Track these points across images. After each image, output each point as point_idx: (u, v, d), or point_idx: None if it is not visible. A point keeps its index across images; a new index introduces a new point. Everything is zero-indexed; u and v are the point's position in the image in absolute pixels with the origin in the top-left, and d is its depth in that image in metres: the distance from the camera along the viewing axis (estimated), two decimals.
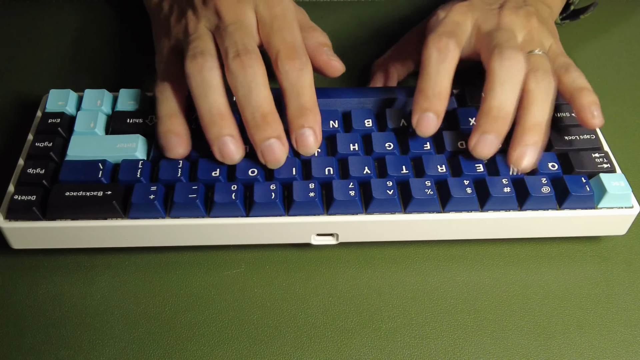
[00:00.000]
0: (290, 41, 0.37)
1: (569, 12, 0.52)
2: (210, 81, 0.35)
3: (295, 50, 0.36)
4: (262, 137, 0.36)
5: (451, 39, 0.38)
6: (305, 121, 0.36)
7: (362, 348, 0.35)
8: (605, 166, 0.39)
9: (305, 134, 0.36)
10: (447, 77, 0.37)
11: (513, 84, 0.36)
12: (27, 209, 0.35)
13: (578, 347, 0.35)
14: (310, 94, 0.36)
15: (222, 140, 0.36)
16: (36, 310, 0.36)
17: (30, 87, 0.49)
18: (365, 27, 0.56)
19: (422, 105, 0.37)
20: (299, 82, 0.36)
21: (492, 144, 0.37)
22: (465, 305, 0.37)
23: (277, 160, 0.36)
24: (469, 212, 0.37)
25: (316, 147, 0.37)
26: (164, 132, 0.37)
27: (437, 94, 0.37)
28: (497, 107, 0.36)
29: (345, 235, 0.38)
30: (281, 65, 0.36)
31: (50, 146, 0.38)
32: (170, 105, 0.37)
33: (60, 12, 0.56)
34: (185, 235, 0.37)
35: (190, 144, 0.38)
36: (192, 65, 0.36)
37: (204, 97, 0.36)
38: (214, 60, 0.36)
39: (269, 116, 0.36)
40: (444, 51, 0.37)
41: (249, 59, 0.35)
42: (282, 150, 0.36)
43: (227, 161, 0.37)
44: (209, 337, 0.35)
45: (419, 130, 0.38)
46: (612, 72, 0.53)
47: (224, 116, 0.36)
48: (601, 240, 0.41)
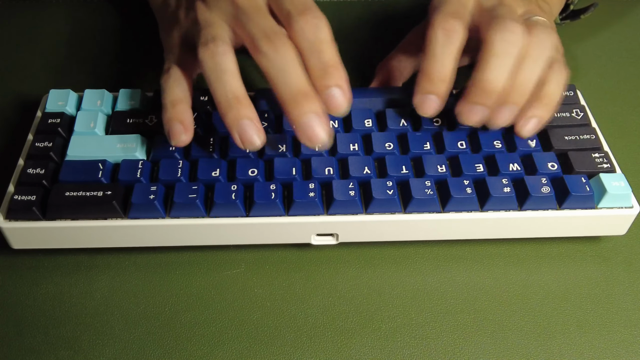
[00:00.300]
0: (301, 1, 0.35)
1: (569, 12, 0.52)
2: (225, 65, 0.34)
3: (306, 6, 0.35)
4: (302, 112, 0.34)
5: (457, 20, 0.37)
6: (330, 79, 0.34)
7: (362, 348, 0.35)
8: (605, 166, 0.39)
9: (333, 93, 0.34)
10: (452, 60, 0.36)
11: (509, 56, 0.36)
12: (27, 209, 0.35)
13: (578, 347, 0.35)
14: (332, 50, 0.34)
15: (240, 124, 0.34)
16: (36, 310, 0.36)
17: (30, 87, 0.49)
18: (365, 27, 0.56)
19: (425, 87, 0.37)
20: (318, 39, 0.34)
21: (479, 114, 0.37)
22: (465, 305, 0.37)
23: (319, 136, 0.34)
24: (469, 212, 0.37)
25: (348, 106, 0.35)
26: (167, 119, 0.36)
27: (442, 77, 0.36)
28: (488, 79, 0.36)
29: (345, 235, 0.38)
30: (295, 23, 0.34)
31: (50, 146, 0.38)
32: (175, 93, 0.37)
33: (60, 12, 0.56)
34: (185, 235, 0.37)
35: (193, 131, 0.36)
36: (205, 51, 0.34)
37: (218, 81, 0.34)
38: (228, 45, 0.35)
39: (309, 93, 0.34)
40: (450, 32, 0.36)
41: (279, 40, 0.34)
42: (322, 126, 0.34)
43: (247, 146, 0.35)
44: (209, 337, 0.35)
45: (421, 110, 0.37)
46: (612, 72, 0.53)
47: (241, 99, 0.34)
48: (601, 240, 0.41)
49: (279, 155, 0.38)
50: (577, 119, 0.41)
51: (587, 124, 0.41)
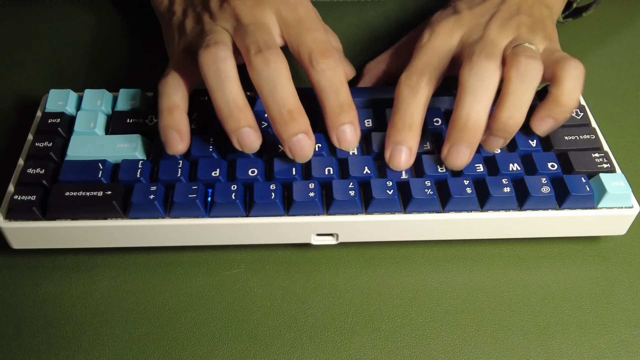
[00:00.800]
0: (321, 40, 0.36)
1: (571, 10, 0.52)
2: (226, 71, 0.35)
3: (328, 49, 0.36)
4: (290, 134, 0.35)
5: (422, 77, 0.37)
6: (345, 117, 0.37)
7: (362, 348, 0.35)
8: (605, 166, 0.39)
9: (346, 130, 0.37)
10: (417, 111, 0.37)
11: (483, 91, 0.36)
12: (27, 209, 0.35)
13: (578, 347, 0.35)
14: (347, 91, 0.37)
15: (241, 132, 0.35)
16: (36, 310, 0.36)
17: (30, 87, 0.49)
18: (365, 27, 0.56)
19: (394, 138, 0.38)
20: (336, 80, 0.36)
21: (464, 154, 0.37)
22: (465, 305, 0.37)
23: (305, 155, 0.36)
24: (468, 212, 0.37)
25: (357, 142, 0.38)
26: (164, 127, 0.36)
27: (407, 126, 0.37)
28: (465, 116, 0.36)
29: (345, 235, 0.38)
30: (316, 64, 0.36)
31: (50, 146, 0.38)
32: (172, 99, 0.37)
33: (60, 12, 0.56)
34: (185, 235, 0.37)
35: (190, 139, 0.37)
36: (206, 55, 0.35)
37: (219, 88, 0.35)
38: (229, 50, 0.35)
39: (295, 112, 0.35)
40: (414, 88, 0.37)
41: (272, 54, 0.35)
42: (310, 145, 0.36)
43: (246, 151, 0.36)
44: (209, 337, 0.35)
45: (392, 163, 0.38)
46: (612, 72, 0.53)
47: (242, 107, 0.35)
48: (601, 240, 0.41)
49: (279, 155, 0.38)
50: (577, 119, 0.41)
51: (587, 124, 0.41)
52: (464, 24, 0.40)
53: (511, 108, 0.36)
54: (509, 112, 0.36)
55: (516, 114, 0.36)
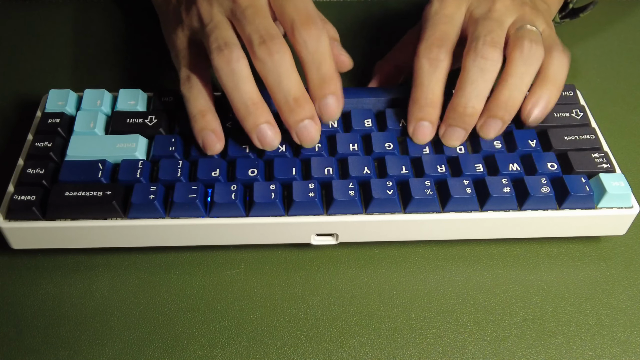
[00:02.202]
0: (303, 8, 0.36)
1: (568, 10, 0.52)
2: (240, 72, 0.35)
3: (310, 18, 0.36)
4: (297, 120, 0.36)
5: (442, 48, 0.38)
6: (327, 89, 0.36)
7: (362, 348, 0.35)
8: (605, 166, 0.39)
9: (328, 101, 0.36)
10: (438, 86, 0.38)
11: (483, 81, 0.37)
12: (27, 209, 0.35)
13: (578, 347, 0.35)
14: (330, 62, 0.36)
15: (260, 129, 0.36)
16: (36, 310, 0.36)
17: (30, 87, 0.49)
18: (365, 27, 0.56)
19: (417, 115, 0.38)
20: (319, 51, 0.36)
21: (459, 136, 0.38)
22: (465, 305, 0.37)
23: (312, 139, 0.37)
24: (468, 212, 0.37)
25: (339, 112, 0.37)
26: (199, 130, 0.37)
27: (430, 102, 0.38)
28: (464, 104, 0.37)
29: (345, 236, 0.38)
30: (298, 35, 0.36)
31: (50, 146, 0.38)
32: (201, 102, 0.37)
33: (60, 12, 0.56)
34: (185, 235, 0.37)
35: (224, 137, 0.38)
36: (220, 58, 0.35)
37: (236, 89, 0.36)
38: (240, 50, 0.36)
39: (301, 99, 0.36)
40: (434, 61, 0.38)
41: (275, 44, 0.35)
42: (316, 129, 0.37)
43: (267, 148, 0.37)
44: (208, 337, 0.35)
45: (416, 138, 0.39)
46: (612, 72, 0.53)
47: (258, 105, 0.36)
48: (601, 240, 0.41)
49: (279, 155, 0.38)
50: (577, 119, 0.41)
51: (587, 124, 0.41)
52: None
53: (512, 88, 0.37)
54: (509, 92, 0.37)
55: (516, 94, 0.37)
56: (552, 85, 0.38)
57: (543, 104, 0.38)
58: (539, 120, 0.39)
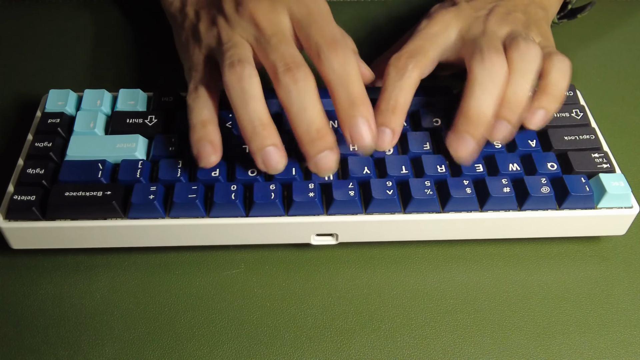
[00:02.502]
0: (329, 33, 0.36)
1: (567, 11, 0.52)
2: (251, 90, 0.35)
3: (336, 41, 0.35)
4: (318, 151, 0.35)
5: (411, 59, 0.38)
6: (357, 111, 0.35)
7: (362, 348, 0.35)
8: (605, 166, 0.39)
9: (359, 124, 0.35)
10: (402, 94, 0.37)
11: (493, 85, 0.36)
12: (27, 209, 0.35)
13: (578, 347, 0.35)
14: (359, 84, 0.35)
15: (266, 151, 0.35)
16: (36, 310, 0.36)
17: (30, 87, 0.49)
18: (365, 27, 0.56)
19: (378, 120, 0.37)
20: (346, 72, 0.35)
21: (468, 144, 0.36)
22: (465, 305, 0.37)
23: (330, 168, 0.35)
24: (468, 212, 0.37)
25: (373, 141, 0.36)
26: (196, 140, 0.36)
27: (390, 108, 0.37)
28: (475, 108, 0.36)
29: (344, 236, 0.38)
30: (325, 58, 0.35)
31: (50, 146, 0.38)
32: (203, 113, 0.36)
33: (60, 12, 0.56)
34: (185, 235, 0.37)
35: (222, 153, 0.36)
36: (231, 74, 0.35)
37: (244, 107, 0.34)
38: (253, 68, 0.35)
39: (323, 130, 0.35)
40: (401, 70, 0.37)
41: (300, 72, 0.34)
42: (335, 160, 0.35)
43: (271, 171, 0.36)
44: (208, 337, 0.35)
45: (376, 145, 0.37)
46: (612, 72, 0.53)
47: (266, 126, 0.35)
48: (601, 241, 0.41)
49: None
50: (577, 119, 0.41)
51: (587, 124, 0.41)
52: (463, 16, 0.40)
53: (515, 85, 0.37)
54: (513, 89, 0.37)
55: (519, 91, 0.37)
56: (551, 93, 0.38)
57: (543, 114, 0.38)
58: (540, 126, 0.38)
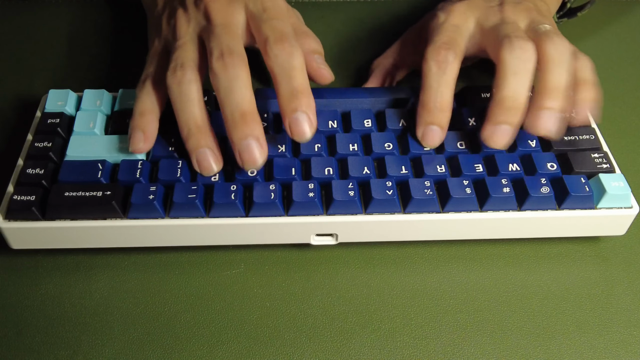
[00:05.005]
0: (279, 28, 0.36)
1: (566, 10, 0.52)
2: (188, 94, 0.36)
3: (284, 35, 0.36)
4: (240, 136, 0.35)
5: (450, 51, 0.37)
6: (298, 105, 0.35)
7: (362, 348, 0.35)
8: (605, 166, 0.39)
9: (298, 118, 0.35)
10: (448, 89, 0.37)
11: (525, 72, 0.36)
12: (27, 209, 0.35)
13: (578, 347, 0.35)
14: (302, 77, 0.35)
15: (199, 152, 0.36)
16: (36, 310, 0.36)
17: (30, 87, 0.49)
18: (365, 27, 0.56)
19: (426, 119, 0.38)
20: (290, 65, 0.35)
21: (508, 134, 0.36)
22: (465, 305, 0.37)
23: (253, 160, 0.35)
24: (468, 212, 0.37)
25: (311, 133, 0.36)
26: (131, 127, 0.37)
27: (439, 106, 0.37)
28: (510, 97, 0.36)
29: (344, 236, 0.38)
30: (269, 50, 0.35)
31: (50, 146, 0.38)
32: (145, 103, 0.38)
33: (60, 12, 0.56)
34: (185, 236, 0.37)
35: (153, 142, 0.37)
36: (172, 78, 0.36)
37: (182, 109, 0.36)
38: (194, 72, 0.36)
39: (248, 115, 0.35)
40: (443, 64, 0.37)
41: (232, 59, 0.35)
42: (260, 152, 0.35)
43: (204, 173, 0.37)
44: (208, 337, 0.35)
45: (425, 142, 0.38)
46: (612, 72, 0.53)
47: (201, 129, 0.36)
48: (600, 241, 0.41)
49: (279, 155, 0.38)
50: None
51: (587, 124, 0.41)
52: (476, 7, 0.40)
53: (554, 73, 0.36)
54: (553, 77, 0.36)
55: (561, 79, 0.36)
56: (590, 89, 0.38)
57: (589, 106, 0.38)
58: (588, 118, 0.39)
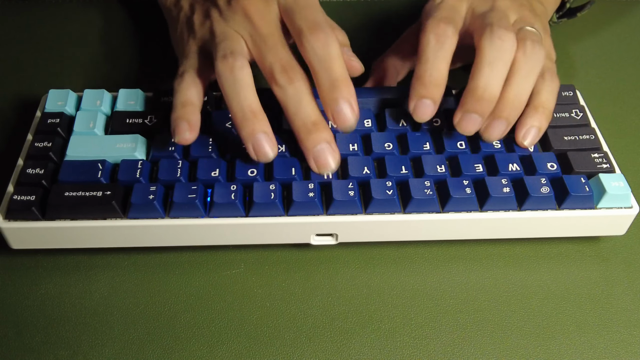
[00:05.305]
0: (312, 18, 0.36)
1: (565, 10, 0.52)
2: (242, 79, 0.35)
3: (318, 24, 0.36)
4: (315, 142, 0.36)
5: (449, 25, 0.37)
6: (339, 94, 0.35)
7: (362, 348, 0.35)
8: (605, 166, 0.39)
9: (341, 107, 0.35)
10: (444, 64, 0.37)
11: (501, 63, 0.36)
12: (27, 209, 0.35)
13: (578, 347, 0.35)
14: (341, 66, 0.35)
15: (255, 137, 0.36)
16: (36, 310, 0.36)
17: (30, 87, 0.49)
18: (365, 27, 0.56)
19: (420, 92, 0.37)
20: (327, 55, 0.35)
21: (476, 122, 0.37)
22: (465, 305, 0.37)
23: (328, 163, 0.36)
24: (468, 212, 0.37)
25: (355, 121, 0.36)
26: (175, 118, 0.36)
27: (434, 80, 0.37)
28: (482, 87, 0.36)
29: (344, 236, 0.38)
30: (306, 42, 0.35)
31: (50, 146, 0.38)
32: (186, 95, 0.37)
33: (60, 12, 0.56)
34: (185, 236, 0.37)
35: (198, 133, 0.37)
36: (223, 65, 0.35)
37: (235, 95, 0.35)
38: (245, 59, 0.36)
39: (320, 123, 0.36)
40: (442, 37, 0.37)
41: (296, 73, 0.35)
42: (332, 155, 0.36)
43: (261, 159, 0.36)
44: (208, 338, 0.35)
45: (416, 116, 0.38)
46: (612, 72, 0.53)
47: (257, 113, 0.36)
48: (600, 241, 0.41)
49: (279, 155, 0.38)
50: (577, 119, 0.41)
51: (587, 124, 0.41)
52: None
53: (517, 88, 0.37)
54: (515, 92, 0.37)
55: (521, 94, 0.37)
56: (542, 112, 0.38)
57: (536, 132, 0.38)
58: (532, 144, 0.39)
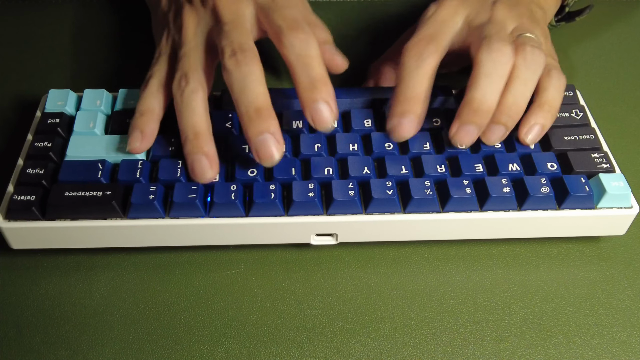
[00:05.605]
0: (290, 16, 0.36)
1: (564, 14, 0.52)
2: (190, 103, 0.36)
3: (297, 23, 0.35)
4: (256, 132, 0.34)
5: (430, 44, 0.37)
6: (317, 94, 0.35)
7: (362, 348, 0.35)
8: (605, 166, 0.39)
9: (320, 108, 0.35)
10: (424, 81, 0.37)
11: (498, 76, 0.36)
12: (27, 209, 0.35)
13: (577, 347, 0.35)
14: (320, 66, 0.35)
15: (194, 158, 0.35)
16: (35, 310, 0.36)
17: (30, 87, 0.49)
18: (364, 27, 0.56)
19: (397, 110, 0.37)
20: (306, 53, 0.35)
21: (472, 134, 0.37)
22: (465, 305, 0.37)
23: (270, 156, 0.35)
24: (468, 212, 0.37)
25: (333, 121, 0.35)
26: (130, 126, 0.37)
27: (413, 96, 0.37)
28: (479, 99, 0.36)
29: (344, 236, 0.38)
30: (284, 39, 0.35)
31: (50, 146, 0.38)
32: (147, 104, 0.38)
33: (60, 12, 0.56)
34: (185, 236, 0.37)
35: (151, 143, 0.38)
36: (176, 89, 0.36)
37: (184, 118, 0.36)
38: (198, 81, 0.36)
39: (264, 111, 0.35)
40: (419, 58, 0.37)
41: (245, 57, 0.35)
42: (276, 147, 0.35)
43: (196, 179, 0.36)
44: (208, 338, 0.35)
45: (396, 133, 0.37)
46: (611, 72, 0.53)
47: (199, 135, 0.36)
48: (600, 241, 0.41)
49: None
50: (577, 119, 0.41)
51: (587, 124, 0.41)
52: (469, 3, 0.40)
53: (516, 94, 0.37)
54: (514, 98, 0.37)
55: (520, 100, 0.37)
56: (548, 110, 0.38)
57: (539, 129, 0.38)
58: (534, 142, 0.39)
